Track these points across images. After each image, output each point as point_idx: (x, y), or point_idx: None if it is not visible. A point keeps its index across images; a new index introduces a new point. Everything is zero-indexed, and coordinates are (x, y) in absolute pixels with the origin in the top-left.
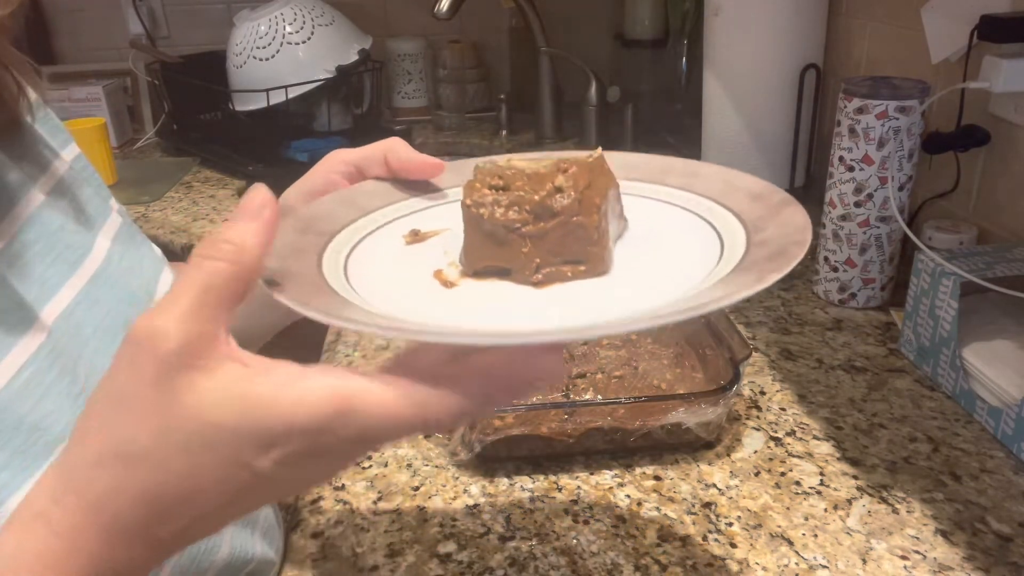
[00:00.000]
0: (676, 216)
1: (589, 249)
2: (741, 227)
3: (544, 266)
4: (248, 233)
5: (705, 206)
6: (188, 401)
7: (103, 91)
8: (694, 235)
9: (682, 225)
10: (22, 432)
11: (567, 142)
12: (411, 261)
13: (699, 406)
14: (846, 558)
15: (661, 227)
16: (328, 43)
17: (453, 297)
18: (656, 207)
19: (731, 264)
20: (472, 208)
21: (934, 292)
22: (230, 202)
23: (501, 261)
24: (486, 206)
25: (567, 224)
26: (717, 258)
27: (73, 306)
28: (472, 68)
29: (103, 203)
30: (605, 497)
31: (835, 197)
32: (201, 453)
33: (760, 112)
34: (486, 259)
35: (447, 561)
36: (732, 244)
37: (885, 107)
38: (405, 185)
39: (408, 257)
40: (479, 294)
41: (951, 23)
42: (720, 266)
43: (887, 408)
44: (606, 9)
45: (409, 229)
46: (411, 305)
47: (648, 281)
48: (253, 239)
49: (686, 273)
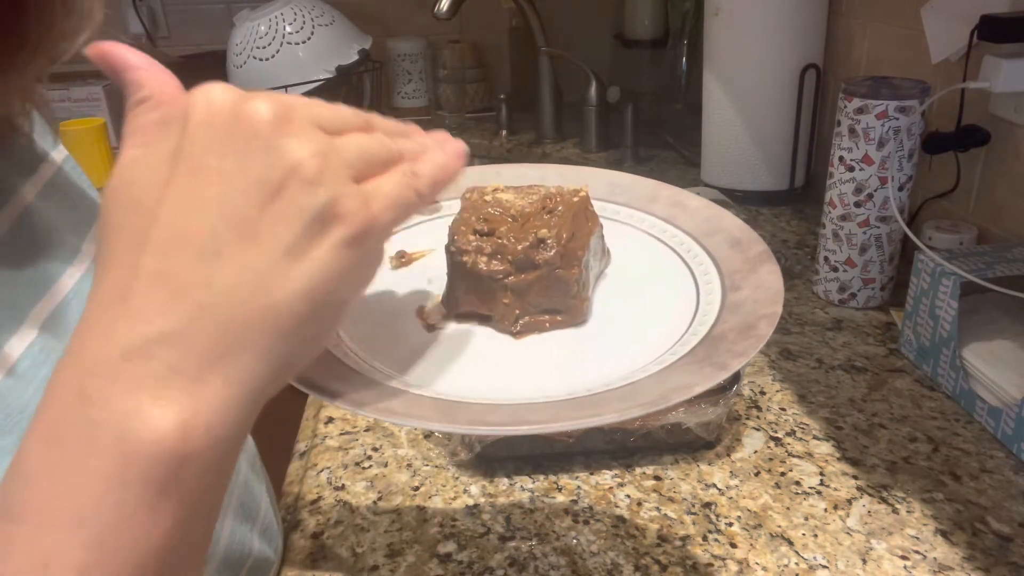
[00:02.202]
0: (657, 253)
1: (569, 301)
2: (718, 279)
3: (524, 315)
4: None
5: (686, 245)
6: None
7: (103, 91)
8: (673, 280)
9: (662, 265)
10: (26, 418)
11: (567, 142)
12: (394, 292)
13: (699, 406)
14: (846, 558)
15: (641, 265)
16: (328, 43)
17: (433, 342)
18: (638, 238)
19: (705, 326)
20: (456, 255)
21: (934, 292)
22: None
23: (483, 308)
24: (470, 253)
25: (548, 277)
26: (691, 313)
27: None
28: (472, 68)
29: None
30: (605, 497)
31: (835, 197)
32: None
33: (760, 112)
34: (469, 304)
35: (447, 561)
36: (708, 299)
37: (885, 107)
38: None
39: (392, 285)
40: (458, 342)
41: (951, 23)
42: (693, 327)
43: (887, 408)
44: (606, 9)
45: (396, 250)
46: (395, 353)
47: (623, 337)
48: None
49: (660, 330)
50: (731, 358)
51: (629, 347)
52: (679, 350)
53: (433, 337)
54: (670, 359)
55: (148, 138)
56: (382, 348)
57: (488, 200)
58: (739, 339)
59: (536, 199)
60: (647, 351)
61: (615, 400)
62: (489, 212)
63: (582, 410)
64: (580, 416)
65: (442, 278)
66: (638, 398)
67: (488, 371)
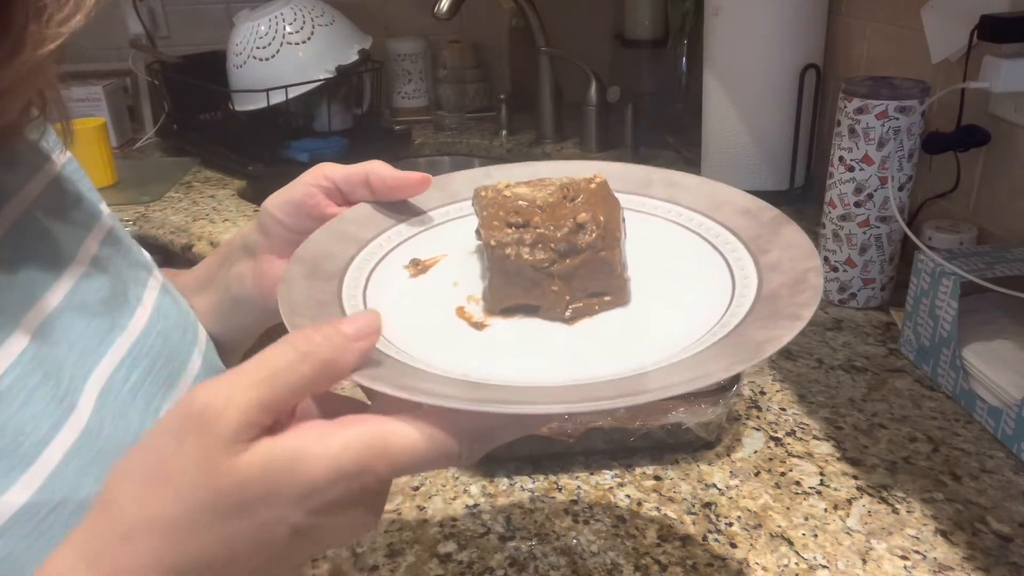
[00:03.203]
0: (671, 232)
1: (613, 281)
2: (742, 246)
3: (573, 301)
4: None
5: (696, 221)
6: (230, 480)
7: (103, 91)
8: (697, 254)
9: (679, 243)
10: (6, 435)
11: (567, 142)
12: (424, 297)
13: (699, 406)
14: (846, 558)
15: (658, 246)
16: (328, 43)
17: (489, 339)
18: (646, 220)
19: (751, 290)
20: (498, 249)
21: (934, 292)
22: (230, 202)
23: (530, 300)
24: (511, 245)
25: (593, 260)
26: (729, 280)
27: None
28: (472, 68)
29: (93, 206)
30: (605, 497)
31: (835, 197)
32: (239, 521)
33: (760, 112)
34: (515, 298)
35: (447, 561)
36: (740, 265)
37: (885, 107)
38: (389, 208)
39: (419, 292)
40: (514, 334)
41: (951, 23)
42: (738, 291)
43: (887, 408)
44: (606, 9)
45: (409, 259)
46: (453, 355)
47: (672, 311)
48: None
49: (706, 300)
50: (799, 309)
51: (682, 320)
52: (739, 312)
53: (486, 334)
54: (734, 321)
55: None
56: (439, 353)
57: (508, 195)
58: (795, 293)
59: (554, 189)
60: (703, 319)
61: (714, 359)
62: (517, 205)
63: (692, 371)
64: (691, 376)
65: (467, 279)
66: (737, 355)
67: (557, 357)
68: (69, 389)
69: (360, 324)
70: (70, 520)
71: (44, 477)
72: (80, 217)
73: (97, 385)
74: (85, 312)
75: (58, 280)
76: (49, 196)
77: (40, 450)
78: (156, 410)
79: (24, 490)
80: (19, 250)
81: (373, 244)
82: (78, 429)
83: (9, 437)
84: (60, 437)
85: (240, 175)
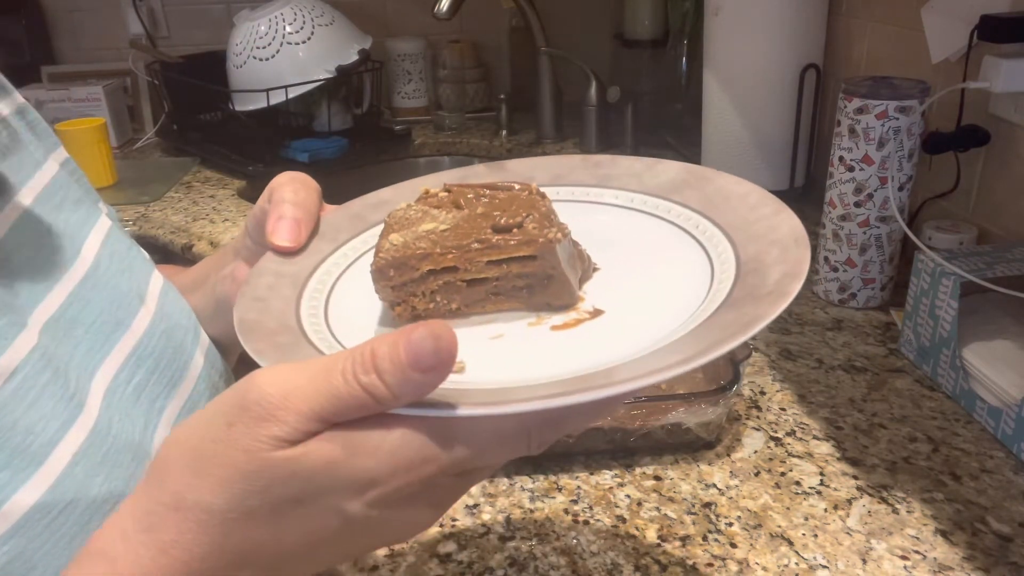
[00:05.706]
0: (620, 217)
1: (552, 289)
2: (706, 221)
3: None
4: (409, 385)
5: (651, 203)
6: (285, 471)
7: (103, 91)
8: (661, 238)
9: (637, 227)
10: (17, 434)
11: (567, 142)
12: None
13: (699, 406)
14: (846, 558)
15: (619, 234)
16: (328, 43)
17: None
18: (596, 210)
19: (731, 255)
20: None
21: (934, 292)
22: (230, 202)
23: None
24: (400, 304)
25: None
26: (704, 255)
27: (64, 308)
28: (472, 68)
29: (92, 205)
30: (605, 497)
31: (835, 197)
32: (290, 510)
33: (760, 112)
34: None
35: (447, 561)
36: (707, 235)
37: (885, 107)
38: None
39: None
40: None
41: (951, 23)
42: (717, 264)
43: (887, 408)
44: (606, 9)
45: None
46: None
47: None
48: (408, 394)
49: (684, 283)
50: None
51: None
52: (726, 281)
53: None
54: (729, 286)
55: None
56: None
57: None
58: (787, 253)
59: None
60: (687, 301)
61: (720, 329)
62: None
63: (695, 346)
64: (691, 353)
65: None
66: (748, 322)
67: (532, 359)
68: (77, 388)
69: (429, 357)
70: (81, 520)
71: (55, 477)
72: (80, 216)
73: (102, 384)
74: (89, 312)
75: (60, 280)
76: (48, 197)
77: (50, 450)
78: (160, 409)
79: (35, 490)
80: (21, 251)
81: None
82: (87, 428)
83: (20, 436)
84: (69, 436)
85: (240, 175)
